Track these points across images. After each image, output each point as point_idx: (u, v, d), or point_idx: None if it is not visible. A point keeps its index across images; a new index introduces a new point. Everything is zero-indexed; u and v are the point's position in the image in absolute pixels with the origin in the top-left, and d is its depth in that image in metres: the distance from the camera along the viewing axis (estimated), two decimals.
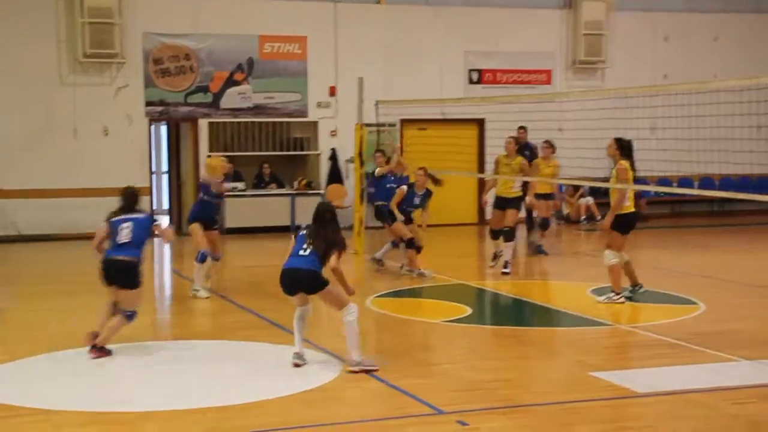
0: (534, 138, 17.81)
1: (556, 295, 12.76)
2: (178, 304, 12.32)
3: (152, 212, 9.57)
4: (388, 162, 15.15)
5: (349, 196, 17.09)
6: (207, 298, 12.05)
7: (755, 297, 12.17)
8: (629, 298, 11.61)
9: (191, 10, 19.61)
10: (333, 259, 8.35)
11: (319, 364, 8.65)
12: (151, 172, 20.11)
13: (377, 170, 14.86)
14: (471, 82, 21.44)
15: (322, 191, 19.02)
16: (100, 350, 8.99)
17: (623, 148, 11.93)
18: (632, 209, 11.57)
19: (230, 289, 12.92)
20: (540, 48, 21.78)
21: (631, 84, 18.86)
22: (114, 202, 10.19)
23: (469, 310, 11.31)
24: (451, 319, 10.67)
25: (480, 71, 21.55)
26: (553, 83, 21.89)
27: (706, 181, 21.58)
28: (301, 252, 8.43)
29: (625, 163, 11.62)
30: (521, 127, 18.27)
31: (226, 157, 19.78)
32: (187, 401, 7.45)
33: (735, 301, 11.86)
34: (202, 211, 12.47)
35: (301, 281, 8.42)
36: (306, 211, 14.77)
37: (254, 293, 12.64)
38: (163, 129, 22.52)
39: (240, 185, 19.81)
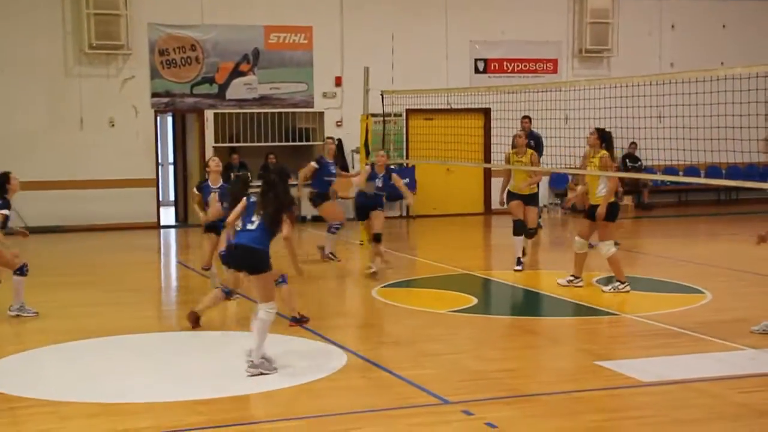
0: (539, 127, 17.81)
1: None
2: (184, 295, 12.35)
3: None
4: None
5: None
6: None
7: (762, 286, 12.15)
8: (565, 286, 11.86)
9: (196, 1, 19.60)
10: (285, 227, 7.99)
11: (326, 355, 8.67)
12: (158, 164, 20.13)
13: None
14: (477, 71, 21.43)
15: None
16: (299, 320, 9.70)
17: (604, 139, 11.96)
18: (613, 199, 11.59)
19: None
20: (546, 37, 21.75)
21: (638, 72, 18.82)
22: (116, 195, 10.18)
23: (474, 300, 11.32)
24: (457, 309, 10.68)
25: (486, 60, 21.53)
26: (559, 72, 21.87)
27: (713, 170, 21.54)
28: (249, 225, 8.09)
29: (606, 153, 11.65)
30: (525, 117, 18.27)
31: (232, 148, 20.00)
32: (193, 392, 7.47)
33: (741, 290, 11.85)
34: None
35: (242, 259, 8.12)
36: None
37: None
38: (169, 120, 22.56)
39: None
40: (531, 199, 13.93)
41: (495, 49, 21.52)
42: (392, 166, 16.47)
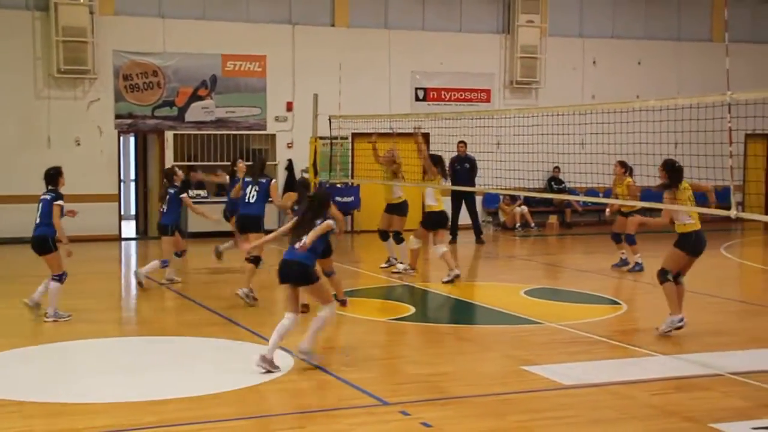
0: (473, 151, 17.92)
1: (492, 295, 12.80)
2: (143, 302, 12.19)
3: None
4: None
5: None
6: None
7: None
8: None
9: (159, 31, 19.47)
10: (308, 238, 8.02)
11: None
12: (120, 181, 19.90)
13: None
14: (417, 99, 21.51)
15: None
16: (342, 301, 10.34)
17: (627, 169, 13.78)
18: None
19: (192, 289, 12.81)
20: (480, 69, 21.91)
21: (563, 103, 19.02)
22: (80, 209, 10.13)
23: (412, 310, 11.32)
24: (396, 317, 10.68)
25: (425, 89, 21.62)
26: (492, 101, 22.03)
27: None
28: (297, 243, 8.16)
29: (631, 180, 13.29)
30: (461, 142, 18.42)
31: (190, 167, 19.83)
32: (149, 393, 7.37)
33: (653, 302, 11.94)
34: None
35: (293, 276, 8.18)
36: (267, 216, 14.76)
37: (214, 293, 12.55)
38: (132, 140, 22.30)
39: (203, 192, 19.69)
40: (396, 209, 14.40)
41: (434, 79, 21.62)
42: (338, 185, 16.49)
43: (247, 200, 11.70)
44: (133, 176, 22.60)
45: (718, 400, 7.25)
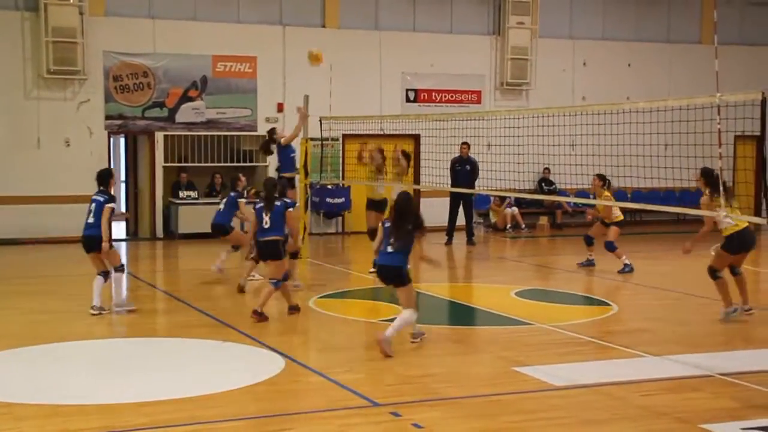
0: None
1: (482, 296, 12.83)
2: (134, 304, 12.15)
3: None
4: None
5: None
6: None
7: (661, 299, 12.36)
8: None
9: (149, 31, 19.45)
10: (419, 248, 9.25)
11: (265, 360, 8.61)
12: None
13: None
14: (408, 100, 21.53)
15: None
16: (261, 314, 10.30)
17: (605, 182, 14.20)
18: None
19: (183, 290, 12.81)
20: (471, 70, 21.95)
21: (553, 104, 19.08)
22: (71, 210, 10.10)
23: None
24: (388, 318, 10.66)
25: (416, 91, 21.65)
26: (482, 103, 22.07)
27: (620, 194, 21.86)
28: (389, 248, 9.01)
29: (609, 193, 13.82)
30: (465, 143, 18.35)
31: (181, 168, 19.86)
32: (141, 394, 7.37)
33: (644, 303, 12.04)
34: None
35: (390, 277, 9.10)
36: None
37: (205, 294, 12.55)
38: (122, 141, 22.27)
39: (193, 194, 19.69)
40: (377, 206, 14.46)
41: (424, 80, 21.65)
42: (329, 186, 16.51)
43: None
44: (123, 177, 22.55)
45: (709, 401, 7.29)
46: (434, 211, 20.49)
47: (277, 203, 10.69)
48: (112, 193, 11.16)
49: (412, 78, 21.55)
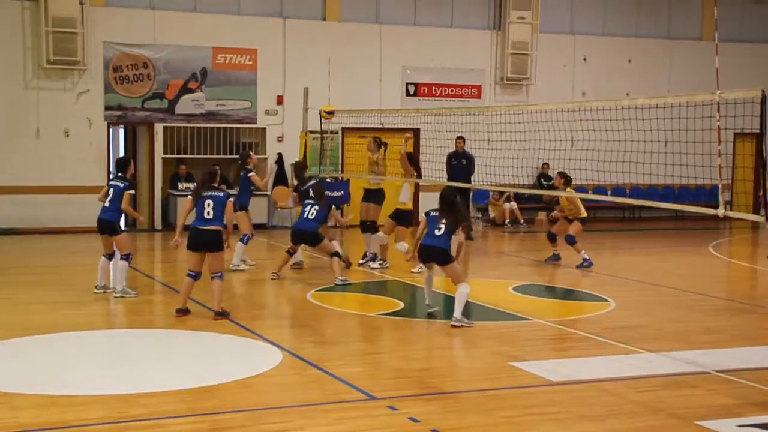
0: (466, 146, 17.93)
1: (480, 291, 12.83)
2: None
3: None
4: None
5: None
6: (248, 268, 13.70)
7: (659, 295, 12.37)
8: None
9: (150, 22, 19.44)
10: (461, 235, 10.21)
11: (263, 352, 8.63)
12: (109, 172, 19.84)
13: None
14: (408, 94, 21.54)
15: (268, 193, 18.94)
16: (223, 313, 10.15)
17: (567, 179, 14.40)
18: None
19: (181, 282, 12.79)
20: (471, 65, 21.95)
21: (553, 100, 19.09)
22: (69, 200, 10.10)
23: (401, 305, 11.35)
24: (385, 312, 10.70)
25: (416, 85, 21.65)
26: (482, 97, 22.08)
27: (619, 190, 21.91)
28: (436, 231, 10.01)
29: (571, 189, 14.03)
30: (460, 137, 18.37)
31: (180, 159, 19.87)
32: (137, 385, 7.38)
33: (641, 299, 12.05)
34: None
35: (434, 256, 10.03)
36: (252, 210, 14.70)
37: (203, 286, 12.55)
38: (121, 132, 22.27)
39: (192, 185, 19.65)
40: (373, 197, 14.60)
41: (425, 74, 21.65)
42: (328, 179, 16.54)
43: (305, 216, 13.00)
44: None
45: (705, 398, 7.31)
46: (433, 205, 20.55)
47: (219, 194, 10.41)
48: (130, 179, 11.57)
49: (412, 72, 21.55)
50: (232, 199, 10.46)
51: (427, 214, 10.24)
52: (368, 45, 21.00)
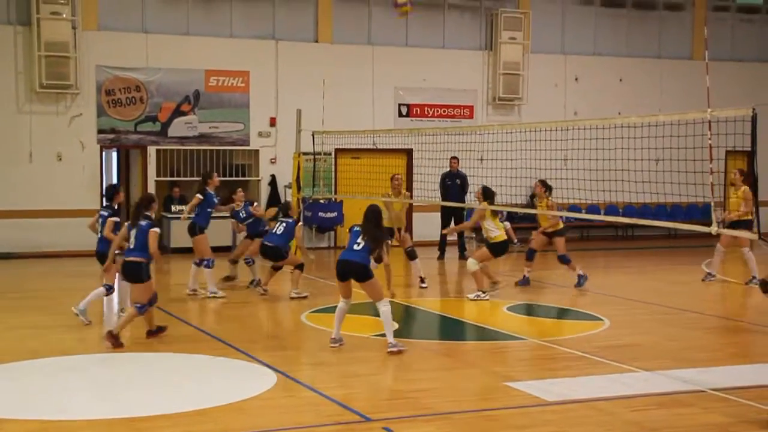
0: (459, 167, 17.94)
1: (475, 311, 12.82)
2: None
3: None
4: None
5: None
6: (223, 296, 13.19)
7: (653, 314, 12.37)
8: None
9: (142, 46, 19.47)
10: (385, 257, 10.12)
11: (257, 375, 8.59)
12: (102, 196, 19.81)
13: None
14: (400, 115, 21.58)
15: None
16: (115, 338, 9.71)
17: (547, 188, 14.20)
18: None
19: (175, 306, 12.77)
20: (463, 86, 22.01)
21: (545, 119, 19.11)
22: (63, 224, 10.07)
23: (395, 326, 11.28)
24: (380, 333, 10.64)
25: (408, 105, 21.69)
26: (475, 117, 22.13)
27: (612, 209, 21.93)
28: (355, 246, 9.62)
29: (550, 200, 14.08)
30: (454, 158, 18.41)
31: (173, 182, 19.85)
32: (130, 410, 7.34)
33: (635, 318, 12.04)
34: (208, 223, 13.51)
35: (351, 272, 9.59)
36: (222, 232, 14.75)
37: (197, 309, 12.52)
38: (114, 155, 22.27)
39: (185, 208, 19.64)
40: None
41: (417, 95, 21.71)
42: (322, 201, 16.52)
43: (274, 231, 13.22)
44: None
45: (700, 416, 7.29)
46: (427, 225, 20.58)
47: (143, 222, 10.12)
48: (116, 207, 11.57)
49: (404, 93, 21.60)
50: (155, 229, 10.11)
51: (351, 228, 9.97)
52: (360, 66, 21.05)
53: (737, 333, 11.16)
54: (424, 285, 14.38)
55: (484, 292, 13.17)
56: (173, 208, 19.61)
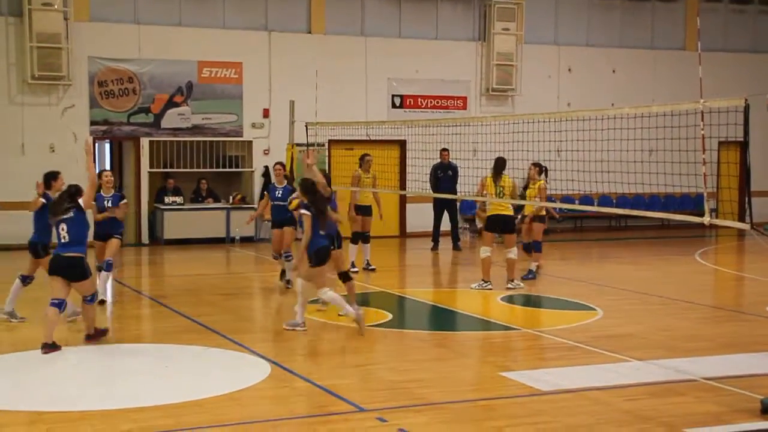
0: (450, 158, 17.96)
1: (469, 301, 12.85)
2: (119, 310, 12.14)
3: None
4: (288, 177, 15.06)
5: None
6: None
7: (646, 304, 12.41)
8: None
9: (135, 37, 19.42)
10: (334, 214, 10.98)
11: (251, 365, 8.60)
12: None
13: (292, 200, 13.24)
14: (394, 106, 21.57)
15: (255, 206, 18.91)
16: (96, 334, 9.57)
17: (542, 170, 14.47)
18: None
19: (168, 296, 12.78)
20: (457, 76, 22.00)
21: (539, 110, 19.12)
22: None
23: (389, 316, 11.34)
24: (374, 324, 10.69)
25: (402, 96, 21.68)
26: (468, 109, 22.13)
27: (605, 200, 21.98)
28: (321, 232, 10.24)
29: (544, 182, 14.21)
30: (444, 149, 18.42)
31: (167, 173, 19.83)
32: (125, 401, 7.35)
33: (628, 308, 12.08)
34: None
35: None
36: (240, 223, 14.70)
37: (191, 300, 12.52)
38: (107, 147, 22.22)
39: (179, 199, 19.65)
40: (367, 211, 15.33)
41: (410, 86, 21.69)
42: None
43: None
44: None
45: (692, 406, 7.33)
46: (420, 216, 20.61)
47: (71, 213, 9.19)
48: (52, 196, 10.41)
49: (397, 84, 21.59)
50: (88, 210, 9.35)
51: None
52: (354, 57, 21.03)
53: (730, 322, 11.21)
54: (371, 267, 15.04)
55: (485, 281, 13.18)
56: (167, 200, 19.61)
